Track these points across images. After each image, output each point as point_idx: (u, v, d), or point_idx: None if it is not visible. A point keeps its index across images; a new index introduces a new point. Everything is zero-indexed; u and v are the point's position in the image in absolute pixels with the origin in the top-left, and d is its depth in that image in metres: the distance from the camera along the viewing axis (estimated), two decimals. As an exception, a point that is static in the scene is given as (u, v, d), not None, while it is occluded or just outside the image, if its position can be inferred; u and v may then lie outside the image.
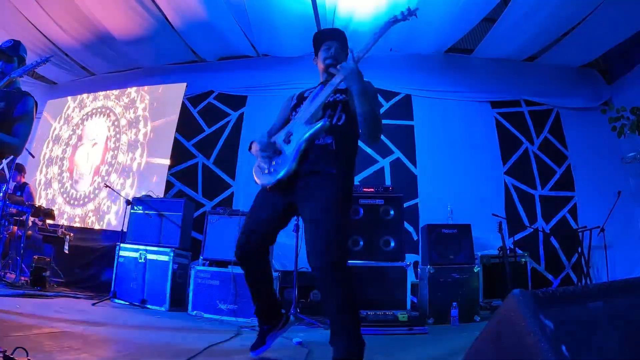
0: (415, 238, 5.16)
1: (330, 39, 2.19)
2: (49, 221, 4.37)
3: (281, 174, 1.87)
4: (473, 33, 5.38)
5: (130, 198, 4.57)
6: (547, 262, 5.12)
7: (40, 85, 6.86)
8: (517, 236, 5.04)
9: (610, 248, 4.80)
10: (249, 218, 2.03)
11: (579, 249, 4.83)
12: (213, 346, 2.26)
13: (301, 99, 2.13)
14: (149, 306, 3.88)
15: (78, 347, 1.91)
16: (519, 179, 5.43)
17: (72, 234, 4.58)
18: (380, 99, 5.85)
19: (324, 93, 1.94)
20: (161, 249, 4.05)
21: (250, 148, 2.09)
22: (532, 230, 5.20)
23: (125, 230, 4.27)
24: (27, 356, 1.39)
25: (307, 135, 1.86)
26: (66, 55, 5.96)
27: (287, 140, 1.94)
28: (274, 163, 1.93)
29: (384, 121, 5.61)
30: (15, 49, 2.52)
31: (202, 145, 5.91)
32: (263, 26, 5.42)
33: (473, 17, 4.96)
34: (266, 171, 1.94)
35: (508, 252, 4.25)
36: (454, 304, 3.60)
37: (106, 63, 6.36)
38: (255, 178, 1.99)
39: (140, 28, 5.45)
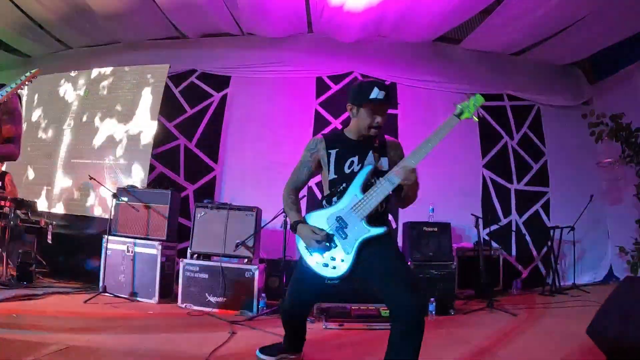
0: (395, 226, 5.34)
1: (381, 102, 2.01)
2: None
3: (344, 271, 1.92)
4: (463, 23, 5.35)
5: (114, 186, 4.50)
6: (518, 253, 5.46)
7: (12, 58, 6.47)
8: (492, 227, 5.30)
9: (579, 243, 5.17)
10: (298, 285, 2.17)
11: (549, 243, 5.15)
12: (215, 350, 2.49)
13: (340, 167, 2.06)
14: (138, 299, 3.94)
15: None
16: (497, 173, 5.66)
17: (54, 223, 4.51)
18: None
19: (383, 189, 1.90)
20: (149, 242, 4.08)
21: (294, 230, 2.06)
22: (506, 222, 5.50)
23: (111, 219, 4.23)
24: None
25: (367, 236, 1.91)
26: (41, 27, 5.60)
27: (344, 235, 1.94)
28: (331, 258, 1.95)
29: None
30: None
31: (184, 127, 5.77)
32: (249, 3, 5.20)
33: (471, 8, 4.90)
34: (322, 264, 1.96)
35: (483, 245, 4.52)
36: (432, 299, 3.83)
37: (84, 37, 6.01)
38: (308, 262, 2.01)
39: (119, 2, 5.14)
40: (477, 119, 1.98)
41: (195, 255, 4.07)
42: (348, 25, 5.39)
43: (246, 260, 4.01)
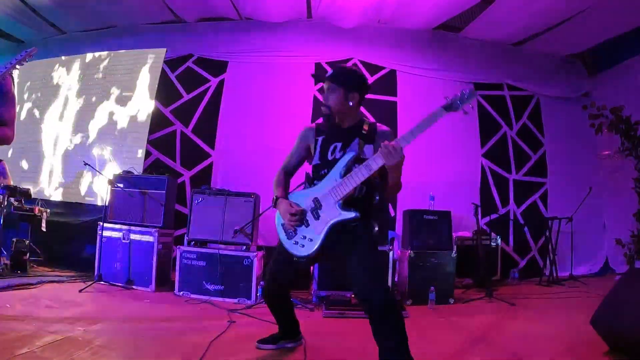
0: (393, 214, 5.32)
1: (324, 79, 2.12)
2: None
3: (311, 251, 1.96)
4: (464, 11, 5.28)
5: (110, 171, 4.40)
6: (516, 243, 5.47)
7: (5, 44, 6.30)
8: (492, 216, 5.30)
9: (576, 234, 5.18)
10: (273, 266, 2.23)
11: (546, 233, 5.16)
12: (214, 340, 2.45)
13: (324, 153, 2.08)
14: (135, 287, 3.89)
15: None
16: (496, 162, 5.65)
17: (48, 210, 4.43)
18: (365, 72, 5.78)
19: (359, 174, 1.89)
20: (145, 229, 4.01)
21: (275, 205, 2.11)
22: (504, 212, 5.50)
23: (106, 206, 4.15)
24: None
25: (339, 219, 1.92)
26: (34, 12, 5.45)
27: (317, 215, 1.98)
28: (301, 236, 2.00)
29: (367, 95, 5.70)
30: None
31: (180, 112, 5.65)
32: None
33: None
34: (293, 241, 2.02)
35: (482, 235, 4.51)
36: (432, 287, 3.81)
37: (78, 21, 5.85)
38: (281, 239, 2.09)
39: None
40: (466, 113, 1.90)
41: (193, 242, 4.01)
42: (348, 11, 5.29)
43: (244, 247, 3.95)
